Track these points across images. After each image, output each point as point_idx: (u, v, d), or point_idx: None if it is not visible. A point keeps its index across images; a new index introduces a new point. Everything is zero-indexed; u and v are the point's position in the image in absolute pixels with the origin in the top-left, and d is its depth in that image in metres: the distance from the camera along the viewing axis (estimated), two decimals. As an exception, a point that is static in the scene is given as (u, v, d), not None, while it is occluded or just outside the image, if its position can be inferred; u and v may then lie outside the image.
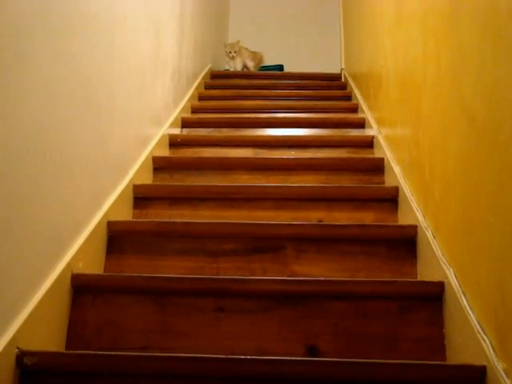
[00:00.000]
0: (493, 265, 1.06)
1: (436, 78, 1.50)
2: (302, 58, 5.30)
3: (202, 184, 2.14)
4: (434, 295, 1.36)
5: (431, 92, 1.55)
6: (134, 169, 2.01)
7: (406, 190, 1.80)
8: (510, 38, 0.98)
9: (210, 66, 4.34)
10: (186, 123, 2.97)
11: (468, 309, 1.16)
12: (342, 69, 4.30)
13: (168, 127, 2.62)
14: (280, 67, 5.32)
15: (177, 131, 2.83)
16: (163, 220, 1.86)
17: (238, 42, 5.00)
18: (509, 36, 0.99)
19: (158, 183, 2.24)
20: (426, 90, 1.61)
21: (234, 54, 4.88)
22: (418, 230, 1.61)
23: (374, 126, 2.58)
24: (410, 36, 1.85)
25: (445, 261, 1.36)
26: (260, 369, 1.13)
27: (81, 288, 1.42)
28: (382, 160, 2.26)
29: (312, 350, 1.31)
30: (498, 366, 1.00)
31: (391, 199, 1.94)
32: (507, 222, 0.99)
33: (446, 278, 1.32)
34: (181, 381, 1.14)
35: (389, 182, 2.13)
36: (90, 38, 1.54)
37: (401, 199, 1.89)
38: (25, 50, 1.15)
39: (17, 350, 1.11)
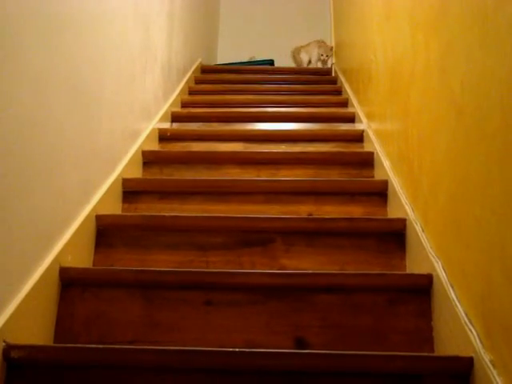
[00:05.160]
0: (480, 256, 1.06)
1: (425, 71, 1.50)
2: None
3: (192, 178, 2.14)
4: (422, 288, 1.37)
5: (420, 86, 1.55)
6: (124, 163, 2.00)
7: (395, 184, 1.81)
8: (497, 32, 0.99)
9: (200, 60, 4.33)
10: (176, 117, 2.96)
11: (456, 301, 1.17)
12: (332, 63, 4.30)
13: (158, 121, 2.61)
14: (270, 62, 5.31)
15: (167, 125, 2.82)
16: (152, 214, 1.85)
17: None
18: (495, 29, 0.99)
19: (148, 177, 2.24)
20: (414, 84, 1.61)
21: (326, 58, 4.57)
22: (407, 223, 1.61)
23: (364, 120, 2.58)
24: (398, 30, 1.86)
25: (433, 253, 1.36)
26: (248, 361, 1.13)
27: (69, 282, 1.41)
28: (371, 154, 2.26)
29: (300, 343, 1.32)
30: (484, 357, 1.01)
31: (380, 193, 1.95)
32: (494, 214, 0.99)
33: (435, 270, 1.32)
34: (169, 373, 1.13)
35: (378, 175, 2.13)
36: (79, 31, 1.53)
37: (390, 193, 1.90)
38: (14, 42, 1.14)
39: (4, 344, 1.10)
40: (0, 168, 1.11)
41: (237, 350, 1.15)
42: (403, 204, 1.67)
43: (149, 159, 2.29)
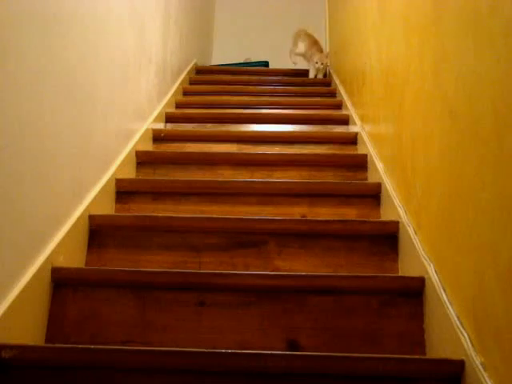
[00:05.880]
0: (472, 260, 1.06)
1: (418, 74, 1.50)
2: (288, 54, 5.31)
3: (186, 179, 2.13)
4: (414, 290, 1.37)
5: (414, 89, 1.55)
6: (117, 163, 1.99)
7: (388, 186, 1.81)
8: (491, 36, 0.99)
9: (195, 61, 4.33)
10: (170, 118, 2.96)
11: (448, 304, 1.17)
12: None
13: (152, 122, 2.60)
14: (265, 63, 5.31)
15: (161, 126, 2.82)
16: (145, 214, 1.85)
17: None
18: (489, 33, 1.00)
19: (141, 178, 2.23)
20: (408, 87, 1.62)
21: (321, 66, 4.02)
22: (400, 225, 1.62)
23: (358, 122, 2.59)
24: (393, 33, 1.86)
25: (426, 256, 1.37)
26: (241, 363, 1.13)
27: (61, 282, 1.40)
28: (365, 156, 2.27)
29: (293, 345, 1.32)
30: (475, 359, 1.01)
31: (374, 195, 1.95)
32: (486, 217, 1.00)
33: (427, 273, 1.33)
34: (161, 374, 1.13)
35: (372, 178, 2.14)
36: (74, 32, 1.53)
37: (383, 195, 1.90)
38: (8, 42, 1.14)
39: (-5, 344, 1.10)
40: (-7, 167, 1.11)
41: (229, 351, 1.15)
42: (396, 206, 1.67)
43: (142, 159, 2.29)
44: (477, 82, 1.06)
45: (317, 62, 4.04)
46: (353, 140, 2.58)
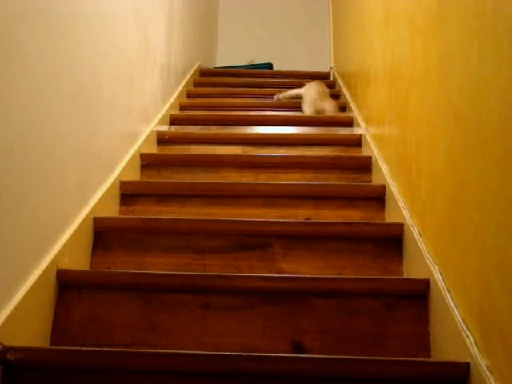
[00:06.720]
0: (477, 262, 1.06)
1: (423, 77, 1.50)
2: (291, 56, 5.32)
3: (190, 181, 2.13)
4: (419, 293, 1.37)
5: (418, 91, 1.55)
6: (122, 165, 2.00)
7: (393, 189, 1.81)
8: (495, 38, 0.99)
9: (199, 63, 4.34)
10: (174, 120, 2.96)
11: (453, 306, 1.17)
12: (330, 68, 4.31)
13: (156, 124, 2.61)
14: (269, 65, 5.32)
15: (165, 128, 2.82)
16: (150, 216, 1.85)
17: None
18: (493, 36, 1.00)
19: (146, 180, 2.23)
20: (413, 89, 1.62)
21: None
22: (405, 228, 1.62)
23: (362, 124, 2.59)
24: (397, 35, 1.86)
25: (430, 258, 1.36)
26: (246, 365, 1.13)
27: (66, 284, 1.41)
28: (369, 158, 2.27)
29: (297, 347, 1.31)
30: (481, 362, 1.01)
31: (378, 197, 1.95)
32: (492, 220, 0.99)
33: (432, 275, 1.33)
34: (166, 377, 1.13)
35: (376, 180, 2.13)
36: (78, 34, 1.53)
37: (388, 197, 1.90)
38: (12, 45, 1.14)
39: (0, 346, 1.10)
40: (-2, 170, 1.11)
41: (234, 353, 1.14)
42: (401, 209, 1.67)
43: (147, 162, 2.29)
44: (481, 85, 1.06)
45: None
46: (357, 142, 2.58)
